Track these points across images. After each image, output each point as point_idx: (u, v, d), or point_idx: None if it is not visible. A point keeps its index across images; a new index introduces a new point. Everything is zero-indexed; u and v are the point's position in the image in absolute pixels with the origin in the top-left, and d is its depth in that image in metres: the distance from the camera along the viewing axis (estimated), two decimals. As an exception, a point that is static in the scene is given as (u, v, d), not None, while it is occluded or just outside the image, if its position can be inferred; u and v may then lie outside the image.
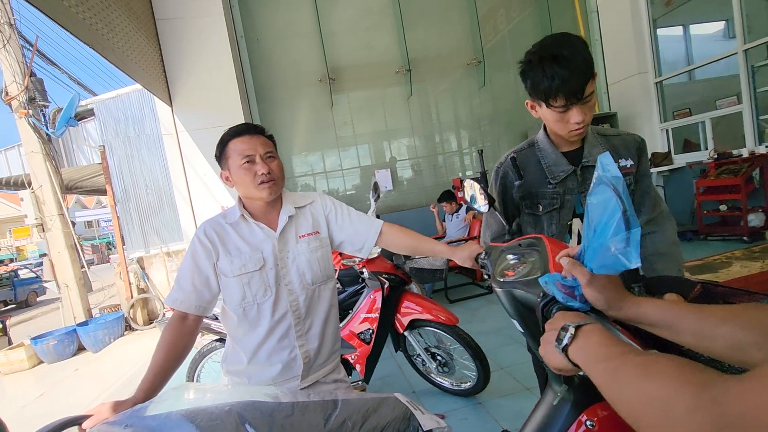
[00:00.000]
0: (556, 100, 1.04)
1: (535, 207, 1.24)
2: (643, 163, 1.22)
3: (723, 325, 0.50)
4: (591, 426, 0.71)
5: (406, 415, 0.84)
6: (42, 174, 5.24)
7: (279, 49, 5.82)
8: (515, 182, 1.21)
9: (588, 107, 1.06)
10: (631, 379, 0.43)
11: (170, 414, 0.80)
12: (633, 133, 1.25)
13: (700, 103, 5.55)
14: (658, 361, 0.42)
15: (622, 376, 0.45)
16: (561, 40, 1.04)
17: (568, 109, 1.05)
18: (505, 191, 1.28)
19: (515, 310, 0.80)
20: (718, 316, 0.52)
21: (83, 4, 2.77)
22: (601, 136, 1.22)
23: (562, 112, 1.06)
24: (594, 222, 0.56)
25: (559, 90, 1.02)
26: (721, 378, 0.35)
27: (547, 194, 1.21)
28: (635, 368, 0.44)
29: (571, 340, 0.54)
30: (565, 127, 1.09)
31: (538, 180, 1.22)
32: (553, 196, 1.21)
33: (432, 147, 6.35)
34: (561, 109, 1.06)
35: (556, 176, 1.19)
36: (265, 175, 1.13)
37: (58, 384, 4.04)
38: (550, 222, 1.23)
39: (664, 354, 0.45)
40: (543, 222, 1.24)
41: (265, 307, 1.17)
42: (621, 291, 0.63)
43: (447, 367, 2.42)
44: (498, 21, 6.44)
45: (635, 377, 0.43)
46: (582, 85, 1.01)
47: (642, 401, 0.40)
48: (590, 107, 1.07)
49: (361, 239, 1.30)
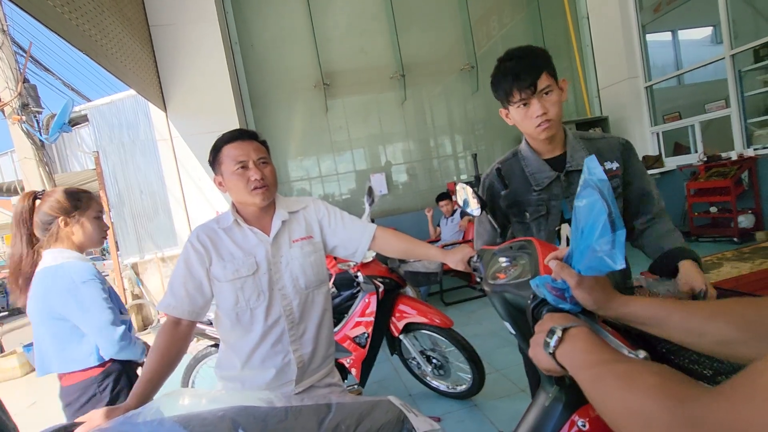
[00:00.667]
0: (513, 95, 1.11)
1: (522, 215, 1.26)
2: (633, 164, 1.23)
3: (709, 321, 0.51)
4: (583, 426, 0.72)
5: (400, 418, 0.84)
6: (35, 180, 5.19)
7: (273, 55, 5.84)
8: (501, 192, 1.26)
9: (550, 102, 1.10)
10: (613, 389, 0.44)
11: (163, 420, 0.80)
12: (617, 136, 1.27)
13: (689, 107, 5.63)
14: (639, 371, 0.43)
15: (604, 386, 0.45)
16: (516, 48, 1.15)
17: (528, 103, 1.11)
18: (493, 201, 1.32)
19: (507, 312, 0.81)
20: (704, 313, 0.53)
21: (77, 10, 2.77)
22: (584, 140, 1.24)
23: (524, 107, 1.12)
24: (581, 224, 0.58)
25: (513, 84, 1.10)
26: (699, 392, 0.35)
27: (533, 201, 1.24)
28: (617, 379, 0.44)
29: (558, 343, 0.55)
30: (530, 123, 1.13)
31: (523, 188, 1.25)
32: (538, 203, 1.23)
33: (427, 151, 6.38)
34: (520, 103, 1.12)
35: (539, 183, 1.22)
36: (258, 181, 1.14)
37: (50, 392, 3.99)
38: (539, 229, 1.25)
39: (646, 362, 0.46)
40: (532, 229, 1.26)
41: (258, 311, 1.17)
42: (609, 291, 0.64)
43: (442, 369, 2.42)
44: (490, 27, 6.51)
45: (617, 388, 0.43)
46: (533, 77, 1.08)
47: (623, 413, 0.41)
48: (553, 102, 1.11)
49: (354, 244, 1.31)
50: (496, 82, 1.16)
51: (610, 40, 6.00)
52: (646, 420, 0.38)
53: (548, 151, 1.23)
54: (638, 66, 5.90)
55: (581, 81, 6.59)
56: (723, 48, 4.99)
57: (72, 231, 1.41)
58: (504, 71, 1.12)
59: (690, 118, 5.50)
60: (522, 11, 6.55)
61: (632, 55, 5.87)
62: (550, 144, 1.21)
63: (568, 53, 6.66)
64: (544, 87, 1.09)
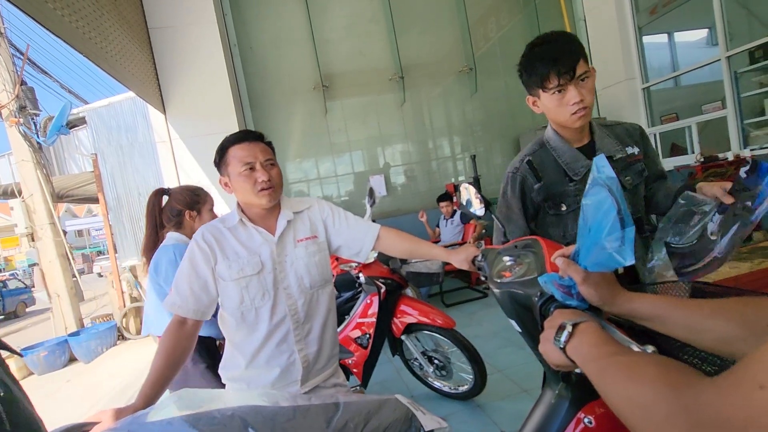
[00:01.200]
0: (549, 80, 1.06)
1: (558, 207, 1.22)
2: (650, 148, 1.26)
3: (710, 318, 0.53)
4: (589, 423, 0.73)
5: (408, 416, 0.85)
6: (33, 183, 5.19)
7: (272, 57, 5.85)
8: (534, 185, 1.20)
9: (587, 89, 1.07)
10: (617, 380, 0.45)
11: (173, 420, 0.80)
12: (630, 122, 1.29)
13: (686, 108, 5.66)
14: (642, 363, 0.44)
15: (609, 377, 0.46)
16: (549, 33, 1.10)
17: (564, 89, 1.06)
18: (524, 195, 1.26)
19: (513, 310, 0.81)
20: (706, 310, 0.54)
21: (77, 13, 2.77)
22: (605, 127, 1.23)
23: (558, 93, 1.07)
24: (588, 222, 0.59)
25: (550, 69, 1.05)
26: (695, 381, 0.37)
27: (570, 192, 1.20)
28: (621, 370, 0.45)
29: (568, 338, 0.56)
30: (565, 111, 1.09)
31: (558, 180, 1.20)
32: (575, 194, 1.19)
33: (425, 153, 6.39)
34: (556, 89, 1.07)
35: (577, 172, 1.18)
36: (266, 182, 1.14)
37: (49, 396, 3.97)
38: (574, 220, 1.20)
39: (649, 355, 0.47)
40: (566, 221, 1.22)
41: (263, 311, 1.17)
42: (615, 287, 0.65)
43: (444, 370, 2.42)
44: (488, 29, 6.55)
45: (620, 379, 0.45)
46: (572, 63, 1.04)
47: (626, 403, 0.42)
48: (589, 89, 1.08)
49: (359, 244, 1.31)
50: (529, 67, 1.10)
51: (607, 42, 6.04)
52: (647, 408, 0.39)
53: (578, 140, 1.20)
54: (635, 68, 5.94)
55: (579, 82, 6.63)
56: (719, 50, 5.03)
57: (194, 222, 1.72)
58: (540, 55, 1.07)
59: (687, 119, 5.53)
60: (519, 13, 6.59)
61: (629, 56, 5.91)
62: (581, 133, 1.19)
63: (565, 55, 6.70)
64: (582, 73, 1.05)
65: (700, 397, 0.35)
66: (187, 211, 1.72)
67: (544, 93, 1.10)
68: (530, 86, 1.13)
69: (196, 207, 1.73)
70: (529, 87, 1.14)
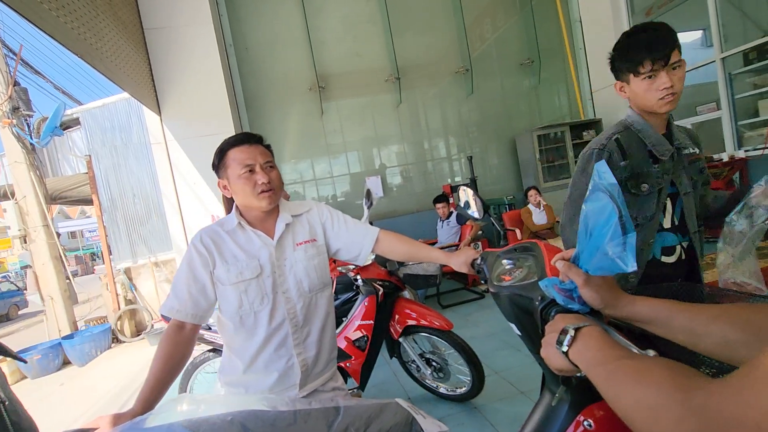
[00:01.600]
0: (643, 65, 1.13)
1: (639, 187, 1.24)
2: (702, 152, 1.33)
3: (712, 323, 0.53)
4: (589, 426, 0.73)
5: (408, 420, 0.85)
6: (26, 184, 5.14)
7: (268, 58, 5.83)
8: (620, 162, 1.23)
9: (677, 77, 1.13)
10: (625, 384, 0.45)
11: (172, 425, 0.80)
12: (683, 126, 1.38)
13: (681, 109, 5.71)
14: (650, 366, 0.44)
15: (617, 381, 0.46)
16: (647, 23, 1.16)
17: (656, 75, 1.12)
18: None
19: (513, 314, 0.81)
20: (707, 315, 0.54)
21: (72, 14, 2.75)
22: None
23: (649, 79, 1.13)
24: (590, 226, 0.59)
25: (646, 55, 1.11)
26: (705, 382, 0.37)
27: (653, 174, 1.23)
28: (628, 374, 0.45)
29: (571, 342, 0.56)
30: (654, 95, 1.15)
31: (642, 161, 1.24)
32: (657, 176, 1.23)
33: (422, 154, 6.40)
34: (649, 74, 1.13)
35: (663, 154, 1.22)
36: (266, 185, 1.14)
37: (43, 400, 3.93)
38: (651, 202, 1.24)
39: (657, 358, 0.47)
40: (642, 202, 1.25)
41: (262, 315, 1.16)
42: (616, 290, 0.65)
43: (442, 372, 2.42)
44: (484, 30, 6.57)
45: (629, 383, 0.44)
46: (666, 50, 1.10)
47: (634, 407, 0.42)
48: (680, 78, 1.14)
49: (358, 247, 1.31)
50: (624, 53, 1.17)
51: (602, 43, 6.08)
52: (657, 412, 0.39)
53: (660, 127, 1.25)
54: (630, 69, 5.99)
55: (574, 83, 6.67)
56: (713, 51, 5.08)
57: None
58: (636, 42, 1.14)
59: (682, 120, 5.58)
60: (515, 14, 6.62)
61: (624, 58, 5.96)
62: (662, 120, 1.24)
63: (561, 56, 6.74)
64: (675, 61, 1.11)
65: (710, 398, 0.35)
66: None
67: (635, 78, 1.16)
68: (621, 72, 1.20)
69: None
70: (620, 73, 1.21)
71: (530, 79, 6.68)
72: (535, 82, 6.66)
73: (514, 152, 6.53)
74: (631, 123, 1.27)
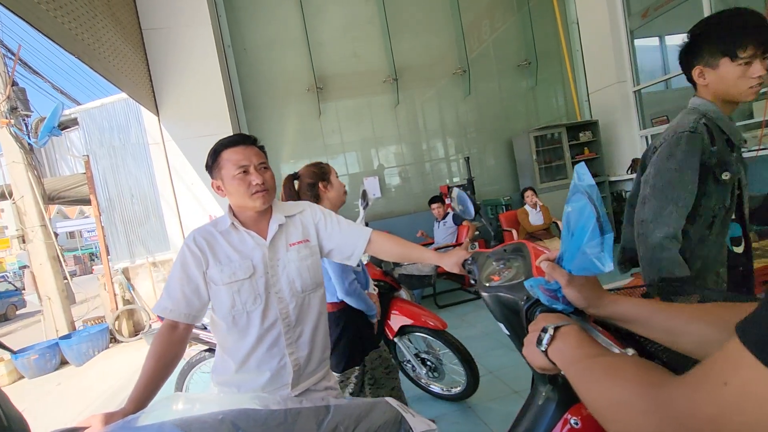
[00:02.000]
0: (744, 49, 1.05)
1: (721, 175, 1.20)
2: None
3: (691, 323, 0.54)
4: (576, 424, 0.74)
5: (397, 419, 0.86)
6: (23, 184, 5.14)
7: (266, 59, 5.84)
8: (711, 148, 1.17)
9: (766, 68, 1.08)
10: (597, 380, 0.46)
11: (163, 424, 0.80)
12: None
13: (676, 111, 5.67)
14: (620, 364, 0.45)
15: (590, 377, 0.48)
16: (738, 8, 1.08)
17: (752, 62, 1.06)
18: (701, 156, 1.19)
19: (501, 313, 0.83)
20: (687, 314, 0.55)
21: (69, 14, 2.76)
22: None
23: (745, 65, 1.06)
24: (571, 227, 0.60)
25: (752, 38, 1.03)
26: (668, 379, 0.38)
27: (733, 162, 1.19)
28: (600, 370, 0.47)
29: (550, 341, 0.57)
30: (745, 83, 1.09)
31: (724, 148, 1.20)
32: (736, 164, 1.20)
33: (419, 154, 6.41)
34: (746, 60, 1.06)
35: (739, 140, 1.20)
36: (260, 186, 1.15)
37: (40, 399, 3.93)
38: (728, 191, 1.20)
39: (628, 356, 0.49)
40: (723, 192, 1.20)
41: (255, 315, 1.17)
42: (599, 290, 0.67)
43: (437, 372, 2.44)
44: (482, 31, 6.59)
45: (600, 379, 0.46)
46: None
47: (605, 402, 0.44)
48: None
49: (350, 247, 1.32)
50: (725, 33, 1.07)
51: (599, 45, 6.10)
52: (624, 405, 0.41)
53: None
54: (627, 70, 6.00)
55: (571, 85, 6.69)
56: (708, 53, 5.09)
57: (327, 191, 1.90)
58: (743, 23, 1.05)
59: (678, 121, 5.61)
60: (513, 16, 6.63)
61: (621, 59, 5.97)
62: (732, 111, 1.20)
63: (558, 58, 6.76)
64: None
65: (672, 393, 0.36)
66: (320, 183, 1.89)
67: (730, 62, 1.08)
68: (712, 54, 1.11)
69: (326, 177, 1.92)
70: (710, 55, 1.11)
71: (527, 80, 6.70)
72: (532, 84, 6.67)
73: (511, 153, 6.55)
74: (706, 111, 1.20)
